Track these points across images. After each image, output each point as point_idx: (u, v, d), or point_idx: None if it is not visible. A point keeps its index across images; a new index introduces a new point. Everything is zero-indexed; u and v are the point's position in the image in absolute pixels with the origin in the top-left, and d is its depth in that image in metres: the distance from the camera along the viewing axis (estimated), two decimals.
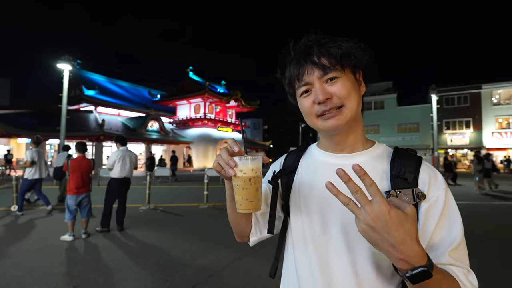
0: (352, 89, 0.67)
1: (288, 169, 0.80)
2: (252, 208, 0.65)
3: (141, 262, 3.55)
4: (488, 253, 3.94)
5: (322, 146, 0.78)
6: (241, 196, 0.64)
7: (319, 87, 0.66)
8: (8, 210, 6.41)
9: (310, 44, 0.68)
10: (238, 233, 0.83)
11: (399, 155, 0.68)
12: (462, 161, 29.56)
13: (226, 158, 0.62)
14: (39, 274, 3.14)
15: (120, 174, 5.05)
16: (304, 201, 0.73)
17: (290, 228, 0.76)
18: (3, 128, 15.90)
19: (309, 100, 0.68)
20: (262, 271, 3.30)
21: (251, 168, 0.63)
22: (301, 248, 0.72)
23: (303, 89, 0.69)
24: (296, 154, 0.82)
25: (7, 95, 35.48)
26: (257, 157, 0.64)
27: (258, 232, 0.81)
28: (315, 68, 0.66)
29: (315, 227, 0.69)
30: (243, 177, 0.63)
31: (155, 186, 11.08)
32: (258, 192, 0.65)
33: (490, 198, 9.24)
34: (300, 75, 0.68)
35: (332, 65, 0.65)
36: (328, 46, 0.66)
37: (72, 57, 13.97)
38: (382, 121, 31.82)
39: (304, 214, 0.72)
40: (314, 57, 0.67)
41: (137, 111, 26.29)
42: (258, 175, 0.65)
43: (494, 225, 5.67)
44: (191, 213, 6.61)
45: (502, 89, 27.54)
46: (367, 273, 0.63)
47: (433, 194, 0.63)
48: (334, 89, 0.66)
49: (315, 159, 0.77)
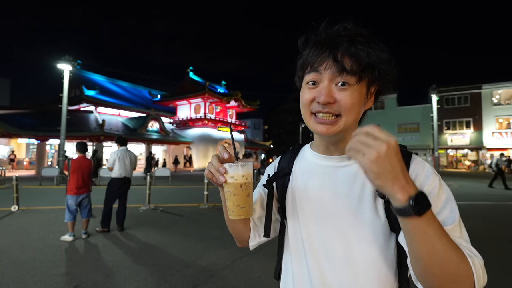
0: (357, 103, 0.63)
1: (283, 172, 0.79)
2: (243, 214, 0.65)
3: (141, 262, 3.55)
4: (488, 253, 3.93)
5: (315, 147, 0.76)
6: (233, 202, 0.64)
7: (326, 87, 0.62)
8: (8, 210, 6.42)
9: (343, 34, 0.63)
10: (237, 238, 0.82)
11: None
12: (462, 161, 29.57)
13: (216, 165, 0.62)
14: (39, 274, 3.14)
15: (120, 174, 5.05)
16: (299, 204, 0.72)
17: (287, 231, 0.75)
18: (3, 128, 15.90)
19: (312, 94, 0.64)
20: (263, 271, 3.30)
21: (242, 174, 0.63)
22: (297, 251, 0.71)
23: (312, 77, 0.64)
24: (290, 156, 0.81)
25: (7, 95, 35.51)
26: (247, 163, 0.64)
27: (257, 236, 0.80)
28: (333, 65, 0.61)
29: (311, 230, 0.69)
30: (234, 184, 0.63)
31: (155, 186, 11.08)
32: (249, 198, 0.65)
33: (490, 198, 9.24)
34: (316, 64, 0.63)
35: (351, 70, 0.60)
36: (359, 47, 0.60)
37: (72, 57, 14.00)
38: (382, 121, 31.76)
39: (300, 217, 0.72)
40: (339, 52, 0.61)
41: (137, 111, 26.31)
42: (249, 181, 0.65)
43: (494, 225, 5.66)
44: (191, 213, 6.61)
45: (503, 89, 27.53)
46: (365, 277, 0.62)
47: (426, 186, 0.60)
48: (340, 97, 0.61)
49: (308, 161, 0.76)
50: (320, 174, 0.71)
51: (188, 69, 29.30)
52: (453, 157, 30.16)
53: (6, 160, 20.17)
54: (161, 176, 13.88)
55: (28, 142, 23.02)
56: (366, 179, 0.64)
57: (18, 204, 6.57)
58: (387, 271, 0.63)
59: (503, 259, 3.76)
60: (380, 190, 0.51)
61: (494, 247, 4.28)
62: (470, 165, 28.54)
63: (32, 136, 17.87)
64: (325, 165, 0.72)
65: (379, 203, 0.63)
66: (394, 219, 0.61)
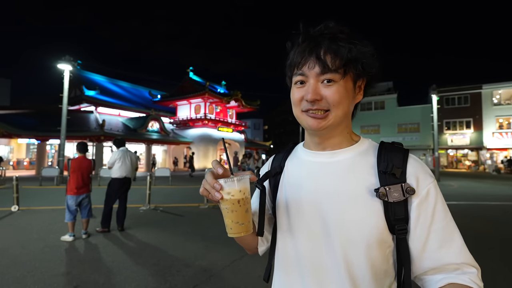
0: (345, 97, 0.64)
1: (274, 171, 0.79)
2: (243, 231, 0.62)
3: (142, 263, 3.55)
4: (488, 253, 3.94)
5: (307, 145, 0.77)
6: (231, 219, 0.61)
7: (312, 85, 0.64)
8: (8, 210, 6.42)
9: (325, 33, 0.65)
10: (246, 247, 0.82)
11: (385, 150, 0.66)
12: (462, 161, 29.56)
13: (211, 181, 0.60)
14: (39, 275, 3.14)
15: (120, 174, 5.05)
16: (290, 201, 0.72)
17: (278, 229, 0.75)
18: (3, 128, 15.90)
19: (300, 93, 0.67)
20: (263, 271, 3.29)
21: (239, 190, 0.60)
22: (288, 245, 0.71)
23: (299, 79, 0.67)
24: (282, 155, 0.81)
25: (8, 95, 35.55)
26: (243, 177, 0.61)
27: (265, 241, 0.80)
28: (317, 64, 0.63)
29: (304, 227, 0.68)
30: (232, 200, 0.60)
31: (155, 186, 11.08)
32: (248, 213, 0.62)
33: (490, 198, 9.23)
34: (301, 64, 0.65)
35: (334, 67, 0.62)
36: (340, 44, 0.62)
37: (72, 58, 13.99)
38: (383, 121, 31.80)
39: (290, 215, 0.71)
40: (321, 51, 0.63)
41: (137, 111, 26.29)
42: (247, 196, 0.62)
43: (494, 225, 5.66)
44: (191, 213, 6.61)
45: (503, 89, 27.52)
46: (361, 273, 0.62)
47: (423, 188, 0.62)
48: (327, 93, 0.63)
49: (299, 159, 0.76)
50: (311, 171, 0.71)
51: (188, 69, 29.29)
52: (453, 157, 30.14)
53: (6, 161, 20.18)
54: (161, 176, 13.90)
55: (28, 142, 23.03)
56: (359, 174, 0.65)
57: (18, 204, 6.57)
58: (380, 265, 0.62)
59: (503, 259, 3.76)
60: None
61: (494, 247, 4.28)
62: (470, 165, 28.52)
63: (32, 136, 17.86)
64: (317, 162, 0.71)
65: (375, 202, 0.62)
66: (394, 220, 0.60)
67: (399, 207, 0.61)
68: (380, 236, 0.61)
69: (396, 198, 0.60)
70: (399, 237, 0.61)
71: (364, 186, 0.63)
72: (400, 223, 0.61)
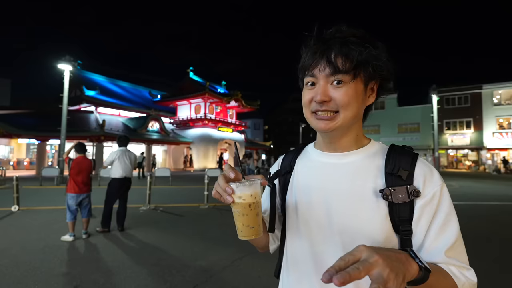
0: (354, 99, 0.65)
1: (284, 170, 0.80)
2: (253, 234, 0.63)
3: (142, 263, 3.56)
4: (488, 253, 3.94)
5: (318, 146, 0.78)
6: (242, 222, 0.63)
7: (322, 86, 0.65)
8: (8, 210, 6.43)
9: (337, 36, 0.66)
10: (258, 246, 0.83)
11: (394, 152, 0.67)
12: (462, 161, 29.55)
13: (223, 185, 0.61)
14: (39, 274, 3.14)
15: (120, 174, 5.05)
16: (299, 201, 0.73)
17: (288, 228, 0.76)
18: (3, 128, 15.91)
19: (310, 94, 0.68)
20: (263, 271, 3.30)
21: (250, 194, 0.61)
22: (296, 243, 0.72)
23: (310, 80, 0.68)
24: (292, 155, 0.83)
25: (8, 95, 35.55)
26: (254, 181, 0.62)
27: (275, 240, 0.82)
28: (327, 66, 0.64)
29: (312, 226, 0.69)
30: (243, 204, 0.61)
31: (155, 186, 11.08)
32: (258, 217, 0.64)
33: (490, 198, 9.23)
34: (312, 66, 0.67)
35: (344, 69, 0.63)
36: (351, 46, 0.63)
37: (72, 58, 14.00)
38: (383, 122, 31.80)
39: (299, 214, 0.72)
40: (332, 54, 0.64)
41: (137, 111, 26.31)
42: (258, 200, 0.63)
43: (494, 225, 5.66)
44: (191, 213, 6.61)
45: (503, 90, 27.51)
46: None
47: (429, 191, 0.62)
48: (336, 94, 0.64)
49: (310, 159, 0.77)
50: (321, 171, 0.72)
51: (189, 69, 29.30)
52: (454, 157, 30.14)
53: (6, 160, 20.19)
54: (161, 176, 13.89)
55: (28, 142, 23.05)
56: (367, 176, 0.67)
57: (19, 204, 6.58)
58: None
59: (504, 259, 3.76)
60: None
61: (494, 247, 4.28)
62: (471, 165, 28.52)
63: (33, 136, 17.87)
64: (327, 162, 0.72)
65: (380, 203, 0.63)
66: (398, 221, 0.62)
67: (404, 209, 0.62)
68: (385, 236, 0.62)
69: (401, 199, 0.61)
70: (404, 238, 0.62)
71: (371, 187, 0.65)
72: (404, 224, 0.62)
